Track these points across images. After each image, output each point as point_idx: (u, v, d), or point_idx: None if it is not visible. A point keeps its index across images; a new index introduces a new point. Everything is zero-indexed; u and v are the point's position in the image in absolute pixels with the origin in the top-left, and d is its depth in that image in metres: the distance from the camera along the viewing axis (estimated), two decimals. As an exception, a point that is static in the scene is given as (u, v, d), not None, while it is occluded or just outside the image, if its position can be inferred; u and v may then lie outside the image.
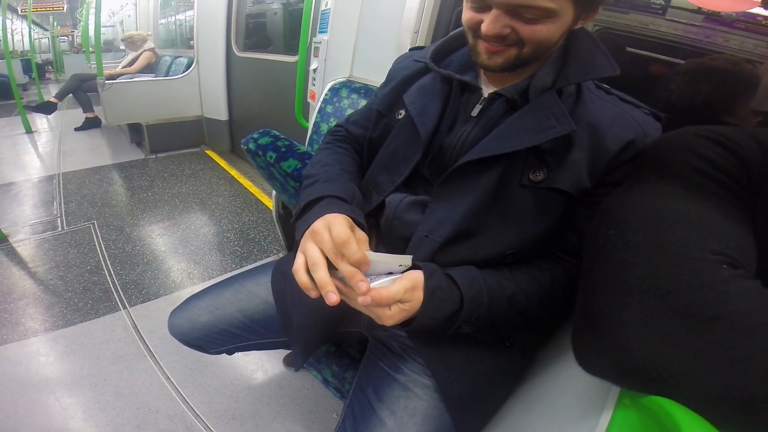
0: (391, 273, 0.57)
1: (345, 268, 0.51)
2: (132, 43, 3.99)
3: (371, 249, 0.75)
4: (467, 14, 0.58)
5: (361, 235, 0.57)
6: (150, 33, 4.26)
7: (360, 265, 0.51)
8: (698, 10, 0.99)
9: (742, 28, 0.94)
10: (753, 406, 0.31)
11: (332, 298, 0.50)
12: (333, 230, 0.53)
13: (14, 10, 8.86)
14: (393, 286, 0.53)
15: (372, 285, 0.52)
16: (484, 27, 0.55)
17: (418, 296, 0.56)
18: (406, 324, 0.59)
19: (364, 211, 0.73)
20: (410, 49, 0.87)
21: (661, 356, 0.35)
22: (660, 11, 1.05)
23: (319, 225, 0.55)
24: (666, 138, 0.55)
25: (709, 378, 0.33)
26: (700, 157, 0.47)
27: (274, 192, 1.63)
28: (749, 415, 0.32)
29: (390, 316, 0.54)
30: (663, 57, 1.07)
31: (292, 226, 0.68)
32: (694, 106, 0.98)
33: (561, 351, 0.67)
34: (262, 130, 1.15)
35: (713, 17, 0.98)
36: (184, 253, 2.20)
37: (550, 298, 0.63)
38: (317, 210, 0.61)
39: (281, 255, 0.96)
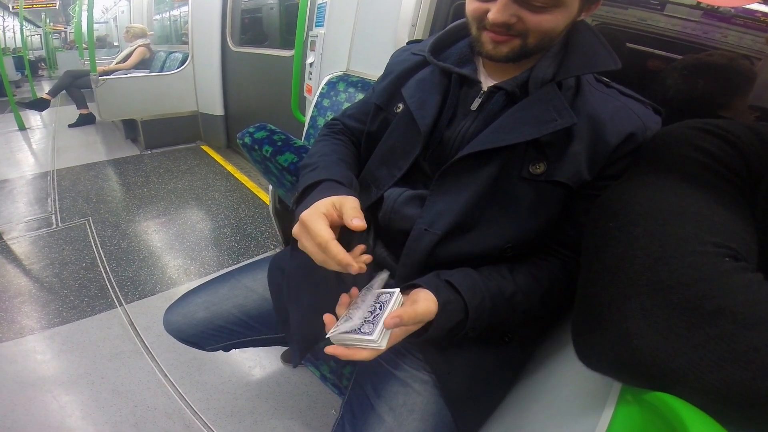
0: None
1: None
2: (128, 33, 3.96)
3: (369, 244, 0.75)
4: (472, 5, 0.58)
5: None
6: (151, 32, 4.23)
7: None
8: (697, 6, 0.99)
9: (740, 24, 0.94)
10: (755, 400, 0.31)
11: (355, 267, 0.51)
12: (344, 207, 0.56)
13: (5, 7, 8.75)
14: (419, 306, 0.54)
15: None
16: (491, 15, 0.55)
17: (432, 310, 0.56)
18: (416, 335, 0.58)
19: (364, 205, 0.72)
20: (408, 43, 0.87)
21: (661, 351, 0.35)
22: (659, 6, 1.05)
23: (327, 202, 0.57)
24: (665, 131, 0.55)
25: (711, 373, 0.32)
26: (699, 149, 0.47)
27: (270, 187, 1.62)
28: (751, 410, 0.31)
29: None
30: (661, 52, 1.07)
31: (291, 212, 0.68)
32: (692, 102, 0.98)
33: (561, 346, 0.67)
34: (258, 125, 1.14)
35: (711, 13, 0.97)
36: (180, 249, 2.18)
37: (550, 296, 0.63)
38: (317, 193, 0.61)
39: (278, 250, 0.96)
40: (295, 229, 0.56)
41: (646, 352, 0.35)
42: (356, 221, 0.53)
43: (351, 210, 0.55)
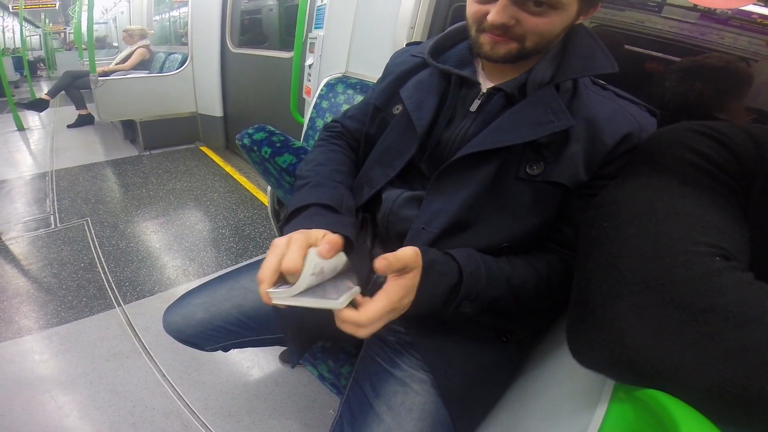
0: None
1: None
2: (130, 36, 3.97)
3: (367, 245, 0.75)
4: (472, 7, 0.59)
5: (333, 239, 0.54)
6: (152, 31, 4.23)
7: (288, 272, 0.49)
8: (694, 8, 1.00)
9: (737, 26, 0.95)
10: (746, 399, 0.31)
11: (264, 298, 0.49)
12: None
13: (5, 7, 8.73)
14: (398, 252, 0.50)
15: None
16: (490, 17, 0.55)
17: (416, 271, 0.52)
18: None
19: (357, 205, 0.73)
20: (407, 44, 0.87)
21: (653, 349, 0.35)
22: (656, 9, 1.05)
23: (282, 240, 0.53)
24: (660, 133, 0.55)
25: (702, 371, 0.33)
26: (694, 151, 0.48)
27: (269, 188, 1.63)
28: (742, 408, 0.31)
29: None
30: (658, 54, 1.07)
31: (280, 229, 0.67)
32: (689, 104, 0.98)
33: (556, 345, 0.67)
34: (257, 126, 1.14)
35: (708, 15, 0.98)
36: (179, 250, 2.18)
37: (547, 285, 0.63)
38: (300, 220, 0.62)
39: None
40: (279, 241, 0.52)
41: (639, 350, 0.36)
42: (323, 247, 0.50)
43: (331, 237, 0.53)
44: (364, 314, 0.47)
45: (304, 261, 0.49)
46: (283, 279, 0.51)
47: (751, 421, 0.32)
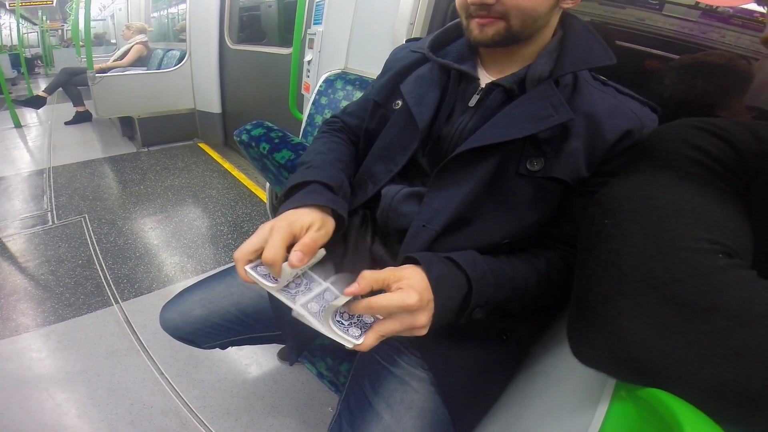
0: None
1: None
2: (128, 30, 3.95)
3: (367, 241, 0.75)
4: None
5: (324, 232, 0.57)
6: (151, 29, 4.21)
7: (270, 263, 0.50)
8: (695, 6, 0.99)
9: (738, 24, 0.94)
10: (748, 398, 0.31)
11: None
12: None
13: (2, 5, 8.69)
14: (393, 294, 0.49)
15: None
16: None
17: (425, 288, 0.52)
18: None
19: (360, 202, 0.73)
20: (407, 41, 0.87)
21: (655, 347, 0.35)
22: (657, 6, 1.05)
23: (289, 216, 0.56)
24: (661, 129, 0.55)
25: (704, 369, 0.32)
26: (695, 147, 0.47)
27: (267, 184, 1.62)
28: (745, 408, 0.31)
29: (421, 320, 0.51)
30: (659, 52, 1.07)
31: (277, 208, 0.67)
32: (689, 102, 0.98)
33: (556, 343, 0.67)
34: (255, 122, 1.14)
35: (710, 13, 0.97)
36: (177, 247, 2.18)
37: (548, 283, 0.63)
38: (300, 195, 0.61)
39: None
40: (265, 226, 0.55)
41: (640, 348, 0.35)
42: (294, 256, 0.50)
43: (306, 240, 0.53)
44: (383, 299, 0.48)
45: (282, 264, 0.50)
46: (259, 258, 0.53)
47: (754, 421, 0.32)
